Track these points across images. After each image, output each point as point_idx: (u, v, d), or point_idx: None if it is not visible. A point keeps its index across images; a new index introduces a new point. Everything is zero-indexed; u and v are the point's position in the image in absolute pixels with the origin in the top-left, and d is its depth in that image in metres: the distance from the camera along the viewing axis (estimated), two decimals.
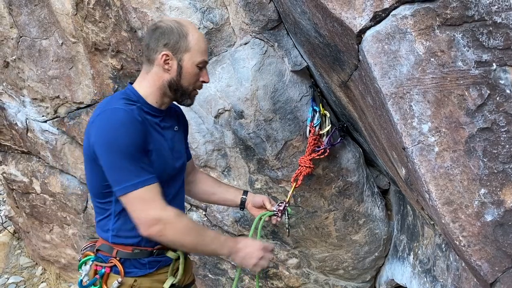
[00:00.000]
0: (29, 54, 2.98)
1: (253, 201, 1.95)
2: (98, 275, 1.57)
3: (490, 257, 1.24)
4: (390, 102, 1.30)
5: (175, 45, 1.53)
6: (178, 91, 1.60)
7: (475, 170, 1.25)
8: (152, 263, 1.61)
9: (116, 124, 1.43)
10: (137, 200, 1.43)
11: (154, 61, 1.56)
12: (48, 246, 4.12)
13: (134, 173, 1.42)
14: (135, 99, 1.56)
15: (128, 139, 1.42)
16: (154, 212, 1.44)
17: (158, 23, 1.59)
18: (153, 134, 1.54)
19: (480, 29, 1.22)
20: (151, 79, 1.58)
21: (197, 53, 1.56)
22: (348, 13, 1.36)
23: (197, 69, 1.59)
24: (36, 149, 3.49)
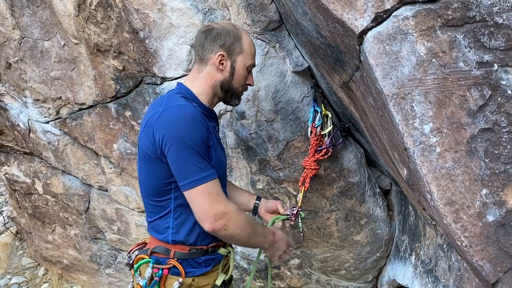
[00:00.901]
0: (31, 55, 2.99)
1: (266, 206, 1.99)
2: (157, 277, 1.57)
3: (492, 257, 1.24)
4: (392, 102, 1.31)
5: (230, 46, 1.59)
6: (229, 91, 1.66)
7: (477, 171, 1.25)
8: (208, 261, 1.65)
9: (187, 119, 1.46)
10: (204, 195, 1.45)
11: (208, 61, 1.60)
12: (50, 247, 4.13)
13: (199, 167, 1.45)
14: (190, 97, 1.59)
15: (199, 134, 1.46)
16: (220, 206, 1.47)
17: (213, 24, 1.64)
18: (210, 132, 1.57)
19: (482, 30, 1.22)
20: (204, 79, 1.62)
21: (249, 56, 1.64)
22: (349, 14, 1.36)
23: (246, 72, 1.66)
24: (38, 150, 3.50)
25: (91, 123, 2.99)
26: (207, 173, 1.46)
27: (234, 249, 1.88)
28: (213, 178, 1.48)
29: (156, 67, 2.46)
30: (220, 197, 1.49)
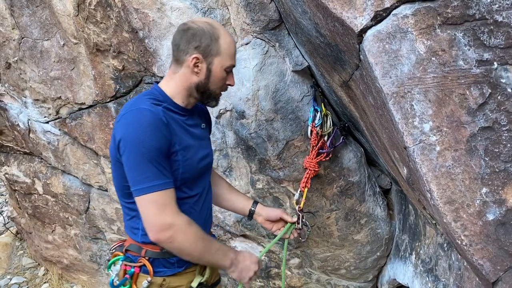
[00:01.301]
0: (30, 55, 2.98)
1: (267, 215, 1.96)
2: (128, 275, 1.58)
3: (492, 256, 1.24)
4: (391, 101, 1.30)
5: (206, 48, 1.51)
6: (205, 93, 1.60)
7: (477, 169, 1.25)
8: (181, 262, 1.61)
9: (143, 124, 1.43)
10: (151, 203, 1.43)
11: (183, 63, 1.55)
12: (51, 247, 4.12)
13: (152, 176, 1.42)
14: (162, 99, 1.56)
15: (153, 142, 1.42)
16: (166, 217, 1.43)
17: (190, 23, 1.56)
18: (179, 133, 1.54)
19: (481, 28, 1.22)
20: (179, 80, 1.58)
21: (227, 57, 1.55)
22: (349, 13, 1.36)
23: (225, 73, 1.58)
24: (38, 150, 3.50)
25: (91, 123, 2.99)
26: (156, 182, 1.42)
27: None
28: (163, 188, 1.43)
29: (156, 66, 2.46)
30: (169, 208, 1.44)
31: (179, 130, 1.54)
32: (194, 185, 1.63)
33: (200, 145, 1.67)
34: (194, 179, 1.61)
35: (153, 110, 1.46)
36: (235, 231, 2.85)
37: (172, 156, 1.50)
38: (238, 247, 2.95)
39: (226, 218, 2.81)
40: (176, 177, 1.52)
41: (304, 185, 2.28)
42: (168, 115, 1.52)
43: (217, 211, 2.84)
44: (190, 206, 1.62)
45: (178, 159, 1.51)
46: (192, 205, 1.64)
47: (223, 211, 2.81)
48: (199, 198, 1.66)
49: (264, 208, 1.98)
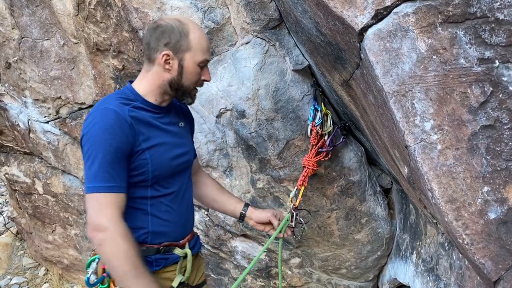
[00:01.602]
0: (30, 55, 2.98)
1: (257, 217, 1.94)
2: (105, 274, 1.57)
3: (493, 255, 1.23)
4: (392, 100, 1.30)
5: (176, 44, 1.51)
6: (179, 90, 1.59)
7: (478, 168, 1.24)
8: (159, 260, 1.60)
9: (105, 124, 1.43)
10: (93, 203, 1.42)
11: (154, 61, 1.54)
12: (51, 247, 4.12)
13: (102, 177, 1.41)
14: (133, 97, 1.56)
15: (111, 143, 1.41)
16: (103, 219, 1.40)
17: (159, 21, 1.56)
18: (148, 132, 1.53)
19: (483, 26, 1.21)
20: (151, 78, 1.57)
21: (198, 52, 1.54)
22: (349, 11, 1.35)
23: (198, 68, 1.57)
24: (38, 150, 3.50)
25: None
26: (104, 184, 1.41)
27: (234, 249, 1.85)
28: (110, 191, 1.41)
29: None
30: (109, 211, 1.40)
31: (148, 129, 1.54)
32: (169, 183, 1.62)
33: (177, 143, 1.65)
34: (168, 177, 1.60)
35: (117, 110, 1.46)
36: (235, 231, 2.85)
37: (139, 155, 1.49)
38: (239, 246, 2.94)
39: (227, 217, 2.81)
40: (146, 175, 1.52)
41: (301, 183, 2.28)
42: (138, 113, 1.51)
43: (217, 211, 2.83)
44: (167, 204, 1.61)
45: (146, 158, 1.51)
46: (169, 203, 1.62)
47: None
48: (175, 196, 1.64)
49: (255, 211, 1.95)
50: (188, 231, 1.74)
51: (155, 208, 1.58)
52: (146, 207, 1.57)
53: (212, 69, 2.35)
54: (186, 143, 1.75)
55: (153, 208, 1.58)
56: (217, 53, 2.35)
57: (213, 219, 2.91)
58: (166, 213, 1.60)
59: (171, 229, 1.63)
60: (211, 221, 2.93)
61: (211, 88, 2.38)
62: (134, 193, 1.53)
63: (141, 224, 1.57)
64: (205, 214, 2.95)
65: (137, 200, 1.55)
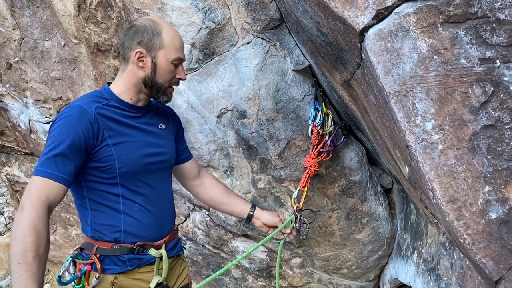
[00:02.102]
0: (31, 56, 2.99)
1: (265, 220, 1.98)
2: (80, 273, 1.56)
3: (495, 254, 1.23)
4: (393, 100, 1.30)
5: (148, 42, 1.56)
6: (154, 87, 1.63)
7: (479, 168, 1.24)
8: (132, 260, 1.60)
9: (67, 119, 1.47)
10: (31, 183, 1.43)
11: (129, 59, 1.60)
12: (52, 247, 4.12)
13: (46, 163, 1.43)
14: (108, 97, 1.60)
15: (66, 137, 1.45)
16: (27, 200, 1.39)
17: (133, 21, 1.63)
18: (117, 129, 1.56)
19: (484, 26, 1.21)
20: (126, 77, 1.62)
21: (171, 50, 1.59)
22: (350, 12, 1.35)
23: (172, 66, 1.61)
24: (39, 150, 3.50)
25: None
26: (47, 169, 1.42)
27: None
28: (48, 177, 1.41)
29: None
30: (35, 193, 1.39)
31: (117, 126, 1.57)
32: (141, 182, 1.62)
33: (151, 142, 1.67)
34: (139, 175, 1.61)
35: (83, 106, 1.51)
36: (236, 231, 2.85)
37: (102, 150, 1.52)
38: (240, 246, 2.94)
39: (228, 217, 2.81)
40: (113, 171, 1.54)
41: (304, 184, 2.28)
42: (108, 111, 1.56)
43: (218, 212, 2.83)
44: (140, 204, 1.61)
45: (112, 154, 1.53)
46: (142, 203, 1.62)
47: None
48: (149, 196, 1.65)
49: (262, 213, 1.99)
50: (165, 233, 1.73)
51: (128, 207, 1.59)
52: (118, 206, 1.58)
53: (212, 69, 2.35)
54: (164, 144, 1.75)
55: (126, 207, 1.59)
56: (218, 53, 2.35)
57: (214, 219, 2.91)
58: (139, 213, 1.60)
59: (145, 229, 1.63)
60: (212, 221, 2.94)
61: (212, 88, 2.38)
62: (103, 189, 1.55)
63: (114, 222, 1.58)
64: (206, 214, 2.95)
65: (108, 196, 1.57)
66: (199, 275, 3.22)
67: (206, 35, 2.27)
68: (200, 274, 3.21)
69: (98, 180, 1.54)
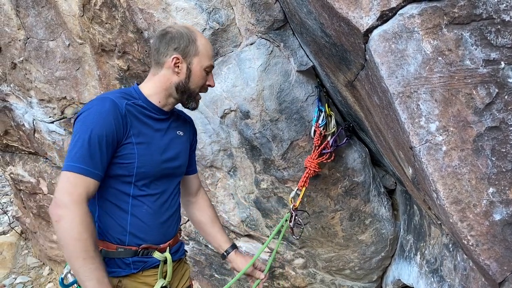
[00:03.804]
0: (36, 56, 3.00)
1: (236, 266, 1.94)
2: None
3: (498, 256, 1.23)
4: (398, 101, 1.30)
5: (185, 49, 1.60)
6: (185, 93, 1.66)
7: (483, 169, 1.24)
8: (137, 263, 1.59)
9: (98, 110, 1.46)
10: (65, 180, 1.41)
11: (163, 64, 1.62)
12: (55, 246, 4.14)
13: (79, 157, 1.41)
14: (136, 96, 1.61)
15: (99, 129, 1.43)
16: (67, 197, 1.38)
17: (168, 28, 1.65)
18: (142, 129, 1.56)
19: (488, 27, 1.21)
20: (158, 81, 1.64)
21: (205, 58, 1.64)
22: (354, 13, 1.35)
23: (204, 73, 1.66)
24: (43, 150, 3.51)
25: None
26: (81, 165, 1.40)
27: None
28: (84, 174, 1.40)
29: None
30: (74, 190, 1.38)
31: (142, 126, 1.57)
32: (154, 184, 1.62)
33: (170, 147, 1.68)
34: (154, 177, 1.61)
35: (114, 100, 1.50)
36: (239, 231, 2.85)
37: (126, 147, 1.51)
38: (243, 247, 2.95)
39: (231, 218, 2.81)
40: (131, 170, 1.53)
41: (303, 184, 2.28)
42: (135, 109, 1.56)
43: (221, 211, 2.84)
44: (148, 206, 1.61)
45: (134, 152, 1.52)
46: (151, 204, 1.62)
47: (227, 211, 2.81)
48: (158, 199, 1.64)
49: (236, 258, 1.93)
50: (170, 236, 1.72)
51: (136, 208, 1.57)
52: (127, 206, 1.57)
53: (216, 70, 2.36)
54: (181, 151, 1.76)
55: (134, 208, 1.58)
56: (222, 54, 2.36)
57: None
58: (146, 215, 1.59)
59: (150, 232, 1.62)
60: None
61: (216, 89, 2.39)
62: (115, 186, 1.54)
63: (120, 222, 1.57)
64: None
65: (119, 195, 1.56)
66: (201, 275, 3.23)
67: (210, 35, 2.28)
68: (203, 274, 3.21)
69: (113, 176, 1.53)
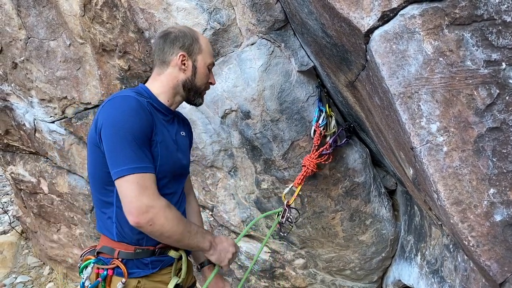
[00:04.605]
0: (37, 55, 3.00)
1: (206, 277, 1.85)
2: (100, 278, 1.54)
3: (499, 257, 1.23)
4: (398, 101, 1.30)
5: (189, 47, 1.64)
6: (192, 90, 1.68)
7: (484, 170, 1.24)
8: (155, 262, 1.60)
9: (126, 108, 1.45)
10: (131, 185, 1.40)
11: (169, 63, 1.64)
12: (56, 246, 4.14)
13: (134, 157, 1.41)
14: (147, 95, 1.61)
15: (135, 124, 1.43)
16: (147, 199, 1.40)
17: (169, 29, 1.68)
18: (160, 127, 1.56)
19: (489, 28, 1.21)
20: (165, 79, 1.65)
21: (208, 55, 1.68)
22: (356, 13, 1.35)
23: (207, 70, 1.70)
24: (43, 150, 3.51)
25: None
26: (138, 164, 1.40)
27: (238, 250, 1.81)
28: (147, 171, 1.42)
29: None
30: (149, 190, 1.41)
31: (160, 124, 1.57)
32: (169, 184, 1.62)
33: (179, 147, 1.69)
34: (169, 177, 1.61)
35: (137, 98, 1.50)
36: (240, 232, 2.85)
37: (152, 146, 1.51)
38: (243, 247, 2.95)
39: (231, 218, 2.81)
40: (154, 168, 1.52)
41: (299, 182, 2.27)
42: (151, 108, 1.56)
43: (221, 211, 2.84)
44: None
45: (157, 151, 1.52)
46: None
47: (227, 211, 2.82)
48: (172, 198, 1.64)
49: (207, 273, 1.85)
50: None
51: None
52: None
53: (217, 70, 2.36)
54: (185, 151, 1.78)
55: None
56: (223, 54, 2.36)
57: (217, 219, 2.91)
58: None
59: None
60: (216, 221, 2.94)
61: (216, 89, 2.39)
62: None
63: None
64: (209, 215, 2.96)
65: None
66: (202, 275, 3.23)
67: (211, 35, 2.28)
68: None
69: None
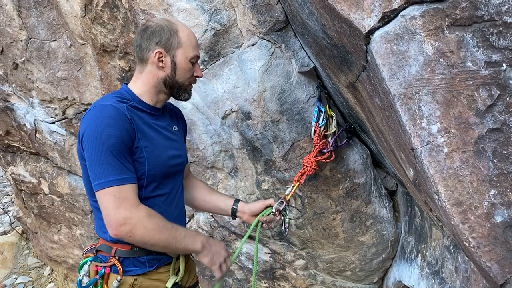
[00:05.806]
0: (38, 56, 3.00)
1: (250, 210, 1.90)
2: (98, 276, 1.56)
3: (500, 258, 1.23)
4: (399, 102, 1.30)
5: (167, 42, 1.56)
6: (174, 87, 1.63)
7: (485, 171, 1.24)
8: (152, 261, 1.60)
9: (105, 118, 1.43)
10: (109, 198, 1.40)
11: (147, 60, 1.58)
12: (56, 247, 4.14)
13: (112, 170, 1.40)
14: (129, 97, 1.58)
15: (115, 134, 1.42)
16: (124, 211, 1.40)
17: (148, 23, 1.61)
18: (145, 131, 1.54)
19: (490, 29, 1.21)
20: (145, 78, 1.61)
21: (189, 48, 1.59)
22: (356, 14, 1.35)
23: (190, 64, 1.61)
24: (44, 150, 3.52)
25: None
26: (115, 177, 1.40)
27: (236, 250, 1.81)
28: (125, 183, 1.42)
29: None
30: (127, 202, 1.41)
31: (145, 128, 1.55)
32: (163, 184, 1.62)
33: (171, 145, 1.67)
34: (164, 177, 1.61)
35: (116, 106, 1.47)
36: (240, 232, 2.85)
37: (136, 153, 1.50)
38: (243, 248, 2.95)
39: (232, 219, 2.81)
40: (142, 174, 1.52)
41: (297, 179, 2.25)
42: (133, 112, 1.53)
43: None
44: (159, 205, 1.61)
45: (143, 156, 1.51)
46: (162, 204, 1.62)
47: None
48: (168, 197, 1.65)
49: (246, 205, 1.92)
50: None
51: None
52: None
53: (218, 71, 2.36)
54: (180, 146, 1.76)
55: None
56: (223, 55, 2.36)
57: (218, 220, 2.91)
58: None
59: None
60: (216, 222, 2.94)
61: (217, 89, 2.39)
62: None
63: None
64: (210, 215, 2.96)
65: None
66: (202, 276, 3.23)
67: (212, 36, 2.28)
68: (204, 275, 3.21)
69: None
